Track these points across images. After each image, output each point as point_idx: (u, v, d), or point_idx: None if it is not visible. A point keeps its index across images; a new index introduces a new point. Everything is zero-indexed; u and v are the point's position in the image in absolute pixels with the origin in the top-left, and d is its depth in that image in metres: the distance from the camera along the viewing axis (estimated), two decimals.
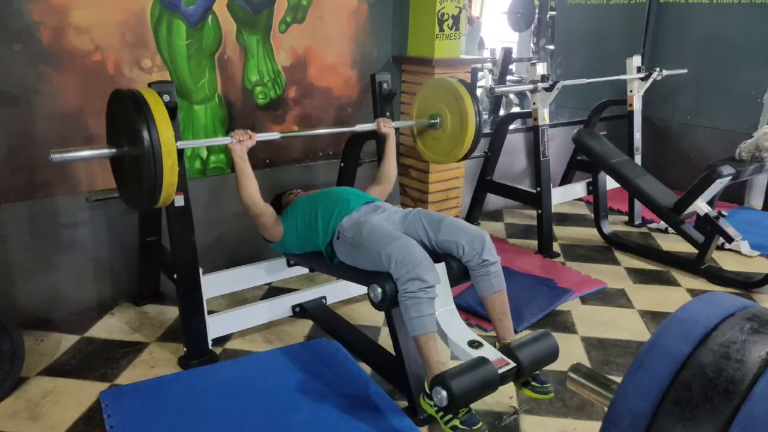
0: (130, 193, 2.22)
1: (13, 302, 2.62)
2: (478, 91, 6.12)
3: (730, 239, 3.33)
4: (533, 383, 2.05)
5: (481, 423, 1.87)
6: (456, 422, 1.86)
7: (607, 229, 3.89)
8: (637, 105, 4.23)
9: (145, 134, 1.97)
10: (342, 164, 3.15)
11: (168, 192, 2.07)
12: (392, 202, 3.00)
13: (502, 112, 5.92)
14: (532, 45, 7.28)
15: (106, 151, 2.14)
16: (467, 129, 2.77)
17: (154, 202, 2.08)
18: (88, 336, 2.64)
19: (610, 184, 3.89)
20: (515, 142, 4.44)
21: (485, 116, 5.98)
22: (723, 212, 3.35)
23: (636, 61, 4.13)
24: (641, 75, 4.13)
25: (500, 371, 1.90)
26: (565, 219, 4.36)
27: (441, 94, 2.89)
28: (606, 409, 0.83)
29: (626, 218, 4.31)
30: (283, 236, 2.50)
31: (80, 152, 2.09)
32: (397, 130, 2.90)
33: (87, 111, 2.65)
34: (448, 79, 2.87)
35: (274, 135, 2.50)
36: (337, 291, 2.91)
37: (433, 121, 2.91)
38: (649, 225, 4.19)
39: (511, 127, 4.17)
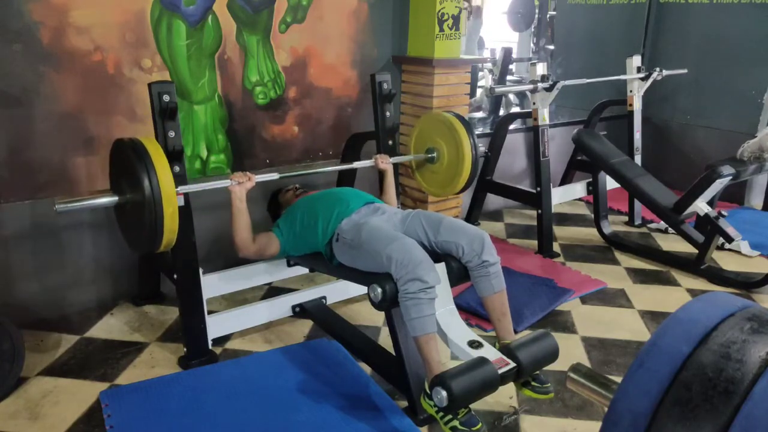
0: (132, 238, 2.25)
1: (13, 302, 2.62)
2: (478, 92, 6.13)
3: (730, 239, 3.33)
4: (533, 383, 2.05)
5: (480, 424, 1.87)
6: (456, 423, 1.86)
7: (607, 229, 3.89)
8: (637, 105, 4.23)
9: (146, 184, 2.00)
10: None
11: (169, 238, 2.10)
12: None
13: (502, 112, 5.93)
14: (532, 45, 7.28)
15: (110, 199, 2.17)
16: (464, 162, 2.80)
17: (156, 248, 2.12)
18: (88, 336, 2.64)
19: (610, 184, 3.89)
20: (515, 142, 4.44)
21: (485, 116, 5.99)
22: (723, 212, 3.35)
23: (636, 61, 4.13)
24: (641, 75, 4.14)
25: (500, 371, 1.90)
26: (565, 219, 4.36)
27: (437, 128, 2.91)
28: (606, 409, 0.83)
29: (626, 218, 4.31)
30: (281, 241, 2.52)
31: (85, 201, 2.12)
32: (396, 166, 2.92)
33: (87, 111, 2.65)
34: (444, 114, 2.90)
35: (272, 176, 2.55)
36: (337, 291, 2.91)
37: (429, 155, 2.94)
38: (649, 225, 4.19)
39: (511, 127, 4.17)
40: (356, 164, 2.84)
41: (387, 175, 2.82)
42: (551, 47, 6.32)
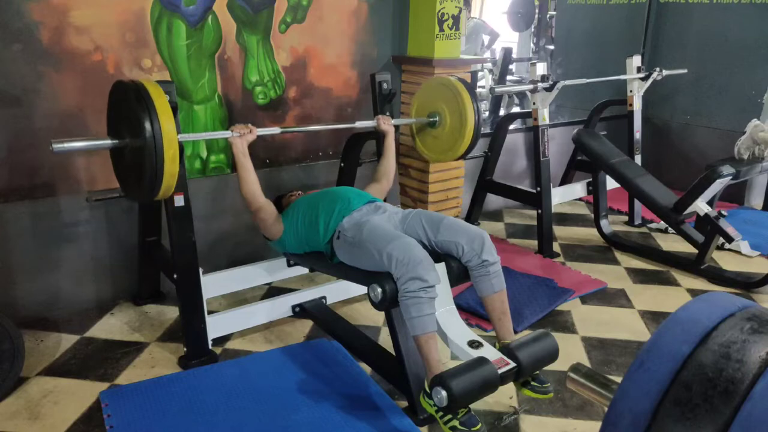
0: (130, 186, 2.23)
1: (13, 302, 2.62)
2: (479, 91, 6.12)
3: (730, 239, 3.33)
4: (533, 383, 2.05)
5: (480, 424, 1.87)
6: (455, 423, 1.86)
7: (607, 229, 3.89)
8: (637, 105, 4.23)
9: (147, 125, 1.97)
10: (342, 164, 3.14)
11: (169, 183, 2.07)
12: (392, 202, 3.01)
13: (502, 112, 5.93)
14: (532, 45, 7.28)
15: (107, 141, 2.15)
16: (466, 126, 2.78)
17: (154, 194, 2.09)
18: (88, 336, 2.64)
19: (610, 184, 3.89)
20: (515, 142, 4.44)
21: (485, 116, 5.99)
22: (723, 212, 3.35)
23: (636, 61, 4.13)
24: (641, 75, 4.14)
25: (500, 371, 1.90)
26: (565, 219, 4.36)
27: (440, 92, 2.89)
28: (606, 409, 0.83)
29: (626, 218, 4.31)
30: (283, 235, 2.50)
31: (81, 142, 2.10)
32: (396, 129, 2.90)
33: (87, 111, 2.65)
34: (447, 77, 2.87)
35: (274, 130, 2.54)
36: (337, 291, 2.91)
37: (432, 119, 2.92)
38: (649, 225, 4.19)
39: (511, 127, 4.17)
40: (358, 124, 2.78)
41: (387, 136, 2.80)
42: (551, 47, 6.32)
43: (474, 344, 2.02)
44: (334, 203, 2.43)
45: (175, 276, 2.40)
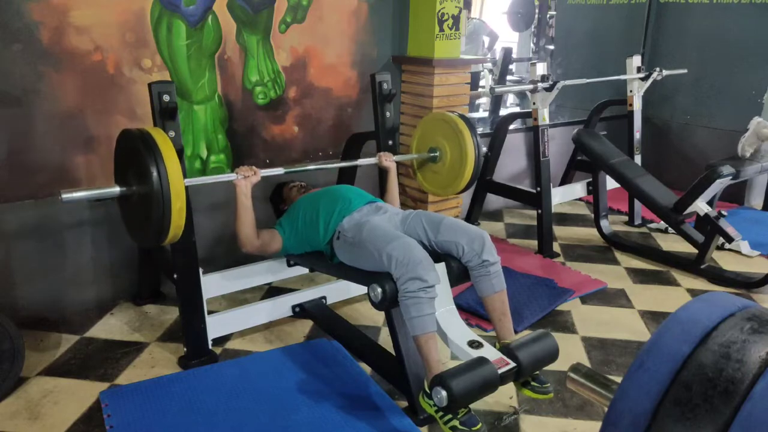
0: (136, 231, 2.23)
1: (13, 302, 2.62)
2: (479, 91, 6.11)
3: (730, 239, 3.33)
4: (533, 383, 2.05)
5: (480, 424, 1.87)
6: (455, 422, 1.86)
7: (607, 229, 3.89)
8: (637, 105, 4.23)
9: (155, 176, 1.96)
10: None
11: (175, 233, 2.08)
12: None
13: (502, 112, 5.93)
14: (532, 45, 7.28)
15: (115, 190, 2.14)
16: (466, 163, 2.78)
17: (160, 242, 2.10)
18: (88, 336, 2.64)
19: (610, 184, 3.89)
20: (515, 142, 4.44)
21: (485, 116, 5.99)
22: (723, 212, 3.35)
23: (636, 61, 4.13)
24: (641, 75, 4.14)
25: (500, 371, 1.90)
26: (565, 219, 4.36)
27: (440, 127, 2.90)
28: (606, 409, 0.83)
29: (626, 218, 4.31)
30: (283, 239, 2.52)
31: (90, 192, 2.09)
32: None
33: (87, 111, 2.65)
34: (448, 114, 2.88)
35: (278, 171, 2.54)
36: (337, 291, 2.91)
37: (432, 154, 2.93)
38: (649, 225, 4.19)
39: (511, 127, 4.17)
40: (360, 161, 2.84)
41: (390, 173, 2.81)
42: (551, 47, 6.32)
43: (474, 344, 2.02)
44: (335, 203, 2.43)
45: (175, 276, 2.40)
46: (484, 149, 3.68)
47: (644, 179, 3.61)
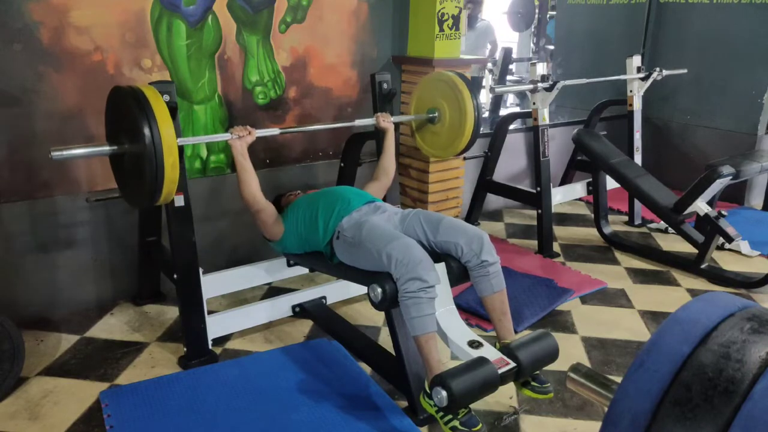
0: (130, 191, 2.22)
1: (13, 302, 2.62)
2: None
3: (730, 239, 3.33)
4: (533, 383, 2.05)
5: (480, 424, 1.87)
6: (456, 423, 1.86)
7: (607, 229, 3.89)
8: (637, 105, 4.23)
9: (146, 132, 1.96)
10: (342, 164, 3.15)
11: (169, 189, 2.07)
12: (392, 202, 3.00)
13: (502, 112, 5.93)
14: (532, 45, 7.29)
15: (106, 148, 2.14)
16: (466, 122, 2.77)
17: (155, 200, 2.08)
18: (88, 336, 2.64)
19: (610, 184, 3.89)
20: (515, 142, 4.44)
21: (485, 116, 5.99)
22: (723, 212, 3.35)
23: (636, 61, 4.13)
24: (641, 75, 4.13)
25: (500, 371, 1.90)
26: (565, 219, 4.36)
27: (439, 87, 2.88)
28: (606, 409, 0.83)
29: (626, 218, 4.30)
30: (283, 235, 2.50)
31: (80, 149, 2.09)
32: (396, 127, 2.90)
33: (87, 111, 2.65)
34: (446, 73, 2.86)
35: (273, 131, 2.53)
36: (337, 291, 2.91)
37: (431, 115, 2.91)
38: (649, 225, 4.19)
39: (511, 127, 4.17)
40: (357, 122, 2.79)
41: (387, 134, 2.79)
42: (551, 47, 6.32)
43: (474, 344, 2.02)
44: (334, 203, 2.43)
45: (175, 276, 2.40)
46: (485, 114, 3.65)
47: (644, 179, 3.61)
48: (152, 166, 1.98)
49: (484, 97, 6.40)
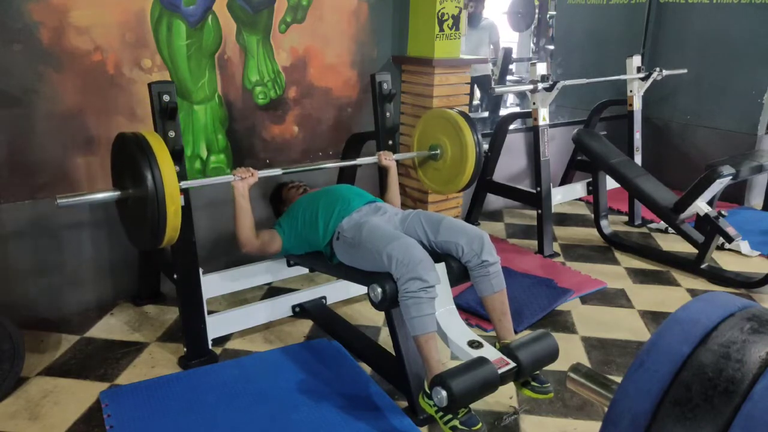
0: (134, 234, 2.24)
1: (13, 302, 2.62)
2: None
3: (730, 239, 3.33)
4: (533, 383, 2.05)
5: (480, 424, 1.87)
6: (456, 422, 1.86)
7: (607, 229, 3.89)
8: (637, 105, 4.23)
9: (149, 180, 1.97)
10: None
11: (171, 235, 2.08)
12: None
13: (502, 112, 5.93)
14: (532, 45, 7.29)
15: (112, 194, 2.14)
16: (467, 160, 2.78)
17: (157, 245, 2.10)
18: (88, 336, 2.64)
19: (610, 184, 3.89)
20: (515, 142, 4.44)
21: (485, 115, 5.99)
22: (723, 212, 3.35)
23: (636, 61, 4.13)
24: (641, 75, 4.14)
25: (500, 371, 1.90)
26: (565, 219, 4.36)
27: (441, 125, 2.89)
28: (606, 409, 0.83)
29: (626, 218, 4.31)
30: (283, 239, 2.53)
31: (86, 196, 2.10)
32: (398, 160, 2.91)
33: (87, 111, 2.65)
34: (448, 111, 2.87)
35: (275, 171, 2.54)
36: (337, 291, 2.91)
37: (433, 152, 2.92)
38: (649, 225, 4.19)
39: (511, 127, 4.17)
40: (359, 161, 2.83)
41: (390, 172, 2.80)
42: (551, 47, 6.31)
43: (474, 344, 2.02)
44: (334, 204, 2.43)
45: (175, 276, 2.40)
46: (485, 147, 3.67)
47: (644, 179, 3.61)
48: (155, 214, 1.99)
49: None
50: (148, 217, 2.01)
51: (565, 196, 4.45)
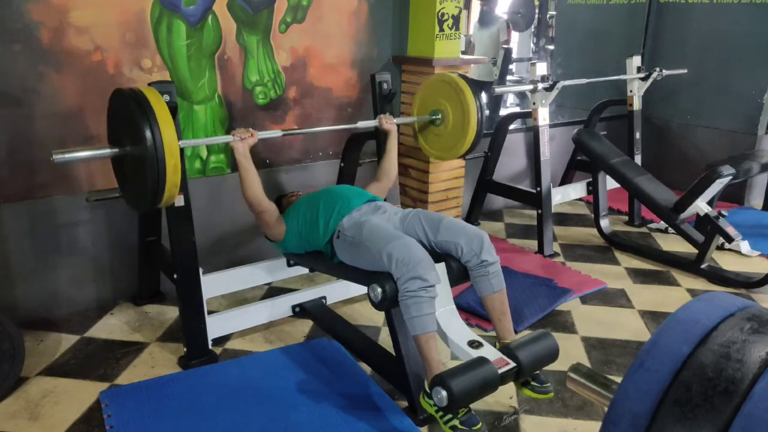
0: (131, 193, 2.22)
1: (13, 302, 2.62)
2: None
3: (730, 239, 3.33)
4: (533, 383, 2.05)
5: (480, 423, 1.88)
6: (456, 422, 1.86)
7: (607, 229, 3.89)
8: (637, 105, 4.23)
9: (148, 135, 1.95)
10: (342, 164, 3.15)
11: (171, 192, 2.06)
12: (392, 202, 3.00)
13: (502, 112, 5.93)
14: (532, 45, 7.29)
15: (107, 151, 2.13)
16: (469, 124, 2.75)
17: (156, 203, 2.08)
18: (88, 336, 2.64)
19: (610, 184, 3.89)
20: (515, 142, 4.44)
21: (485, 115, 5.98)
22: (723, 212, 3.35)
23: (636, 61, 4.13)
24: (641, 75, 4.14)
25: (500, 371, 1.90)
26: (565, 219, 4.36)
27: (442, 89, 2.87)
28: (606, 409, 0.83)
29: (626, 218, 4.31)
30: (285, 235, 2.51)
31: (81, 152, 2.09)
32: (398, 127, 2.90)
33: (87, 111, 2.65)
34: (449, 74, 2.85)
35: (276, 132, 2.51)
36: (337, 291, 2.91)
37: (434, 117, 2.90)
38: (649, 225, 4.19)
39: (511, 127, 4.17)
40: (360, 124, 2.78)
41: (390, 135, 2.78)
42: (551, 47, 6.31)
43: (474, 344, 2.02)
44: (335, 203, 2.43)
45: (175, 276, 2.40)
46: (487, 112, 3.65)
47: (644, 179, 3.61)
48: (154, 169, 1.98)
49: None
50: (148, 173, 1.98)
51: (565, 196, 4.45)
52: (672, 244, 3.85)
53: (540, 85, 3.51)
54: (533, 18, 6.90)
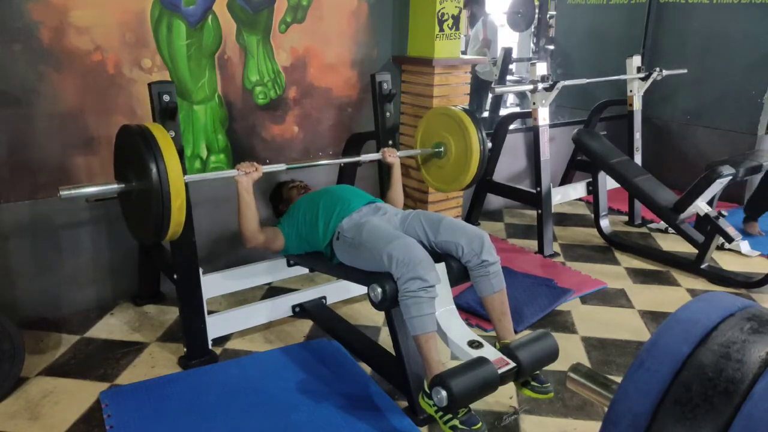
0: (136, 227, 2.21)
1: (13, 302, 2.62)
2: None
3: (730, 239, 3.33)
4: (533, 383, 2.05)
5: (480, 423, 1.88)
6: (456, 422, 1.86)
7: (607, 229, 3.89)
8: (637, 105, 4.23)
9: (154, 173, 1.94)
10: (342, 164, 3.14)
11: (175, 230, 2.06)
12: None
13: (502, 112, 5.92)
14: (532, 45, 7.28)
15: (114, 186, 2.11)
16: (471, 157, 2.75)
17: (161, 239, 2.08)
18: (88, 336, 2.64)
19: (610, 184, 3.89)
20: (515, 142, 4.44)
21: (485, 115, 5.99)
22: (723, 212, 3.35)
23: (636, 61, 4.13)
24: (641, 75, 4.14)
25: (500, 371, 1.90)
26: (565, 219, 4.36)
27: (444, 122, 2.87)
28: (606, 409, 0.83)
29: (626, 218, 4.31)
30: (284, 243, 2.52)
31: (88, 188, 2.06)
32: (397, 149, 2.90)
33: (87, 111, 2.65)
34: (452, 108, 2.85)
35: (280, 166, 2.51)
36: (337, 291, 2.91)
37: (437, 149, 2.90)
38: (649, 225, 4.19)
39: (511, 127, 4.17)
40: (363, 157, 2.82)
41: (394, 169, 2.78)
42: (551, 47, 6.31)
43: (474, 344, 2.02)
44: (334, 204, 2.43)
45: (175, 276, 2.40)
46: (489, 144, 3.66)
47: (644, 179, 3.61)
48: (159, 209, 1.97)
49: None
50: (153, 211, 1.98)
51: (565, 196, 4.45)
52: (672, 244, 3.85)
53: (540, 85, 3.51)
54: (533, 18, 6.89)
